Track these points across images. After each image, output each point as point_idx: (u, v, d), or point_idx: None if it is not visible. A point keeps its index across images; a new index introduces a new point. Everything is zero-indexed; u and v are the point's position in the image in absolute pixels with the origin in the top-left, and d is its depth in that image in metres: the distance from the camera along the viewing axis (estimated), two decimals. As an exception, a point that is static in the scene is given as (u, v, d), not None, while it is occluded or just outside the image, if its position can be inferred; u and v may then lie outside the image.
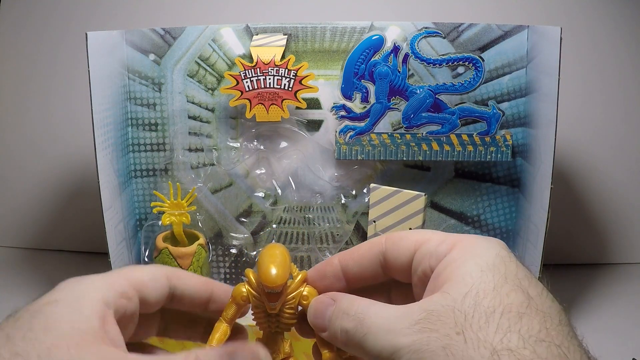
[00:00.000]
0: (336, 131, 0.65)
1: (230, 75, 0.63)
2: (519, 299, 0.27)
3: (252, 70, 0.63)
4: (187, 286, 0.34)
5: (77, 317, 0.27)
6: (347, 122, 0.65)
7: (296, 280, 0.35)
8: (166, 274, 0.33)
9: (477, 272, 0.28)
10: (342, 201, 0.68)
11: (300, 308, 0.35)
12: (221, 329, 0.35)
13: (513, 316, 0.26)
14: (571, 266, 0.82)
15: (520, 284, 0.27)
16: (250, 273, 0.35)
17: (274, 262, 0.33)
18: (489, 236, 0.32)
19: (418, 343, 0.27)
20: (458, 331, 0.26)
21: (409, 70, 0.64)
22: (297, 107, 0.65)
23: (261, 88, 0.63)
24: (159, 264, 0.35)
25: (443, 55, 0.64)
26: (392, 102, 0.64)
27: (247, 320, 0.37)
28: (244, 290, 0.35)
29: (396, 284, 0.34)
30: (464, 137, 0.65)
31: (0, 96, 0.87)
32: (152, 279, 0.32)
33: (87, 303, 0.28)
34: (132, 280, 0.32)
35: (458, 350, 0.25)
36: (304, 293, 0.35)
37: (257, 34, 0.65)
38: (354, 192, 0.68)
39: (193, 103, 0.67)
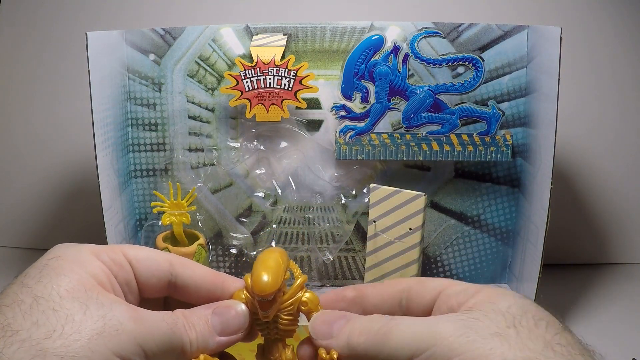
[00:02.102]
0: (336, 131, 0.65)
1: (230, 75, 0.63)
2: (556, 320, 0.28)
3: (252, 70, 0.63)
4: (192, 277, 0.34)
5: (82, 269, 0.29)
6: (347, 122, 0.65)
7: (294, 286, 0.34)
8: (169, 260, 0.33)
9: (511, 300, 0.29)
10: (342, 201, 0.68)
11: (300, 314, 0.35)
12: None
13: (557, 326, 0.27)
14: (571, 266, 0.82)
15: (542, 317, 0.28)
16: (248, 278, 0.34)
17: (266, 269, 0.32)
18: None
19: (464, 328, 0.27)
20: (508, 325, 0.26)
21: (409, 70, 0.64)
22: (297, 107, 0.65)
23: (261, 88, 0.63)
24: (166, 255, 0.34)
25: (443, 55, 0.64)
26: (392, 102, 0.64)
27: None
28: (243, 296, 0.34)
29: None
30: (464, 137, 0.65)
31: (0, 96, 0.87)
32: (148, 258, 0.33)
33: (86, 259, 0.30)
34: (126, 254, 0.32)
35: (511, 338, 0.26)
36: (303, 299, 0.34)
37: (257, 34, 0.65)
38: (354, 192, 0.68)
39: (193, 103, 0.67)
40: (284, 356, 0.34)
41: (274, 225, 0.69)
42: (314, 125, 0.67)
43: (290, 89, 0.63)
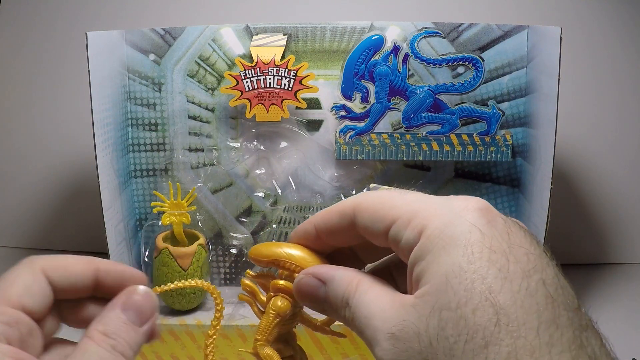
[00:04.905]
0: (336, 131, 0.65)
1: (230, 75, 0.63)
2: (485, 317, 0.22)
3: (252, 70, 0.63)
4: (66, 276, 0.30)
5: None
6: (347, 122, 0.65)
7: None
8: (41, 271, 0.30)
9: (442, 283, 0.24)
10: (342, 201, 0.68)
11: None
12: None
13: (478, 345, 0.22)
14: (571, 266, 0.82)
15: (490, 290, 0.23)
16: (278, 283, 0.32)
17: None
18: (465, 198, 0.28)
19: (391, 355, 0.25)
20: (425, 357, 0.24)
21: (409, 70, 0.64)
22: (297, 107, 0.65)
23: (261, 88, 0.63)
24: (31, 258, 0.31)
25: (443, 55, 0.64)
26: (392, 102, 0.64)
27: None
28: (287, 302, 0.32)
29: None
30: (464, 137, 0.65)
31: (0, 96, 0.87)
32: (27, 287, 0.29)
33: None
34: (12, 302, 0.29)
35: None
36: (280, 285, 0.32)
37: (257, 34, 0.65)
38: (354, 192, 0.68)
39: (193, 103, 0.67)
40: (294, 345, 0.34)
41: (274, 225, 0.69)
42: (314, 125, 0.67)
43: (290, 89, 0.63)
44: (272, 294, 0.32)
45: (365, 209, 0.29)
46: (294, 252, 0.32)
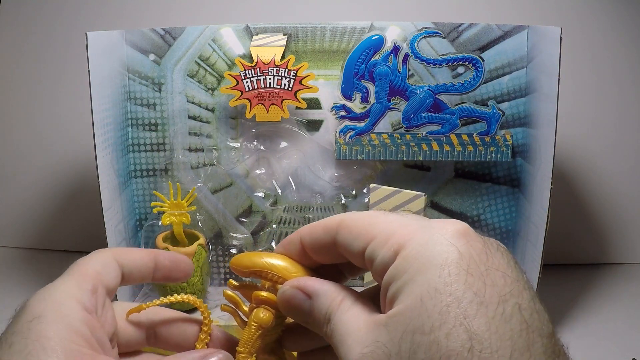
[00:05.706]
0: (336, 131, 0.65)
1: (230, 75, 0.63)
2: (458, 343, 0.22)
3: (252, 70, 0.63)
4: (133, 261, 0.33)
5: (69, 331, 0.27)
6: (347, 122, 0.65)
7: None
8: (113, 256, 0.33)
9: (417, 304, 0.23)
10: (342, 201, 0.68)
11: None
12: None
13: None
14: (571, 266, 0.82)
15: (465, 315, 0.22)
16: (260, 294, 0.32)
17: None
18: (450, 221, 0.27)
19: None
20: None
21: (409, 70, 0.64)
22: (297, 107, 0.65)
23: (261, 88, 0.63)
24: (101, 249, 0.34)
25: (443, 55, 0.64)
26: (392, 102, 0.64)
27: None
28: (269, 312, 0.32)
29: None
30: (464, 137, 0.65)
31: (0, 96, 0.87)
32: (103, 265, 0.32)
33: (70, 312, 0.28)
34: (91, 274, 0.31)
35: None
36: (262, 296, 0.32)
37: (257, 34, 0.65)
38: (354, 192, 0.68)
39: (193, 103, 0.67)
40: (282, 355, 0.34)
41: (274, 225, 0.69)
42: (314, 125, 0.67)
43: (290, 89, 0.63)
44: (255, 305, 0.32)
45: (347, 226, 0.28)
46: (276, 262, 0.31)
